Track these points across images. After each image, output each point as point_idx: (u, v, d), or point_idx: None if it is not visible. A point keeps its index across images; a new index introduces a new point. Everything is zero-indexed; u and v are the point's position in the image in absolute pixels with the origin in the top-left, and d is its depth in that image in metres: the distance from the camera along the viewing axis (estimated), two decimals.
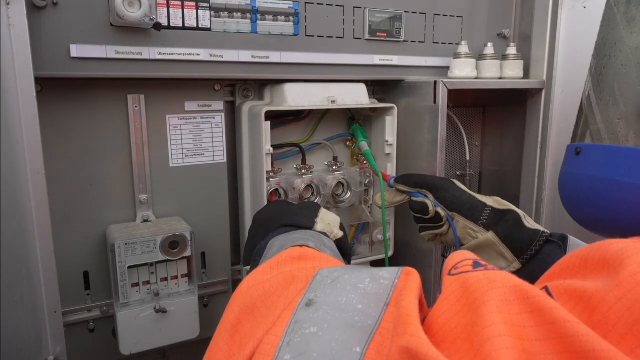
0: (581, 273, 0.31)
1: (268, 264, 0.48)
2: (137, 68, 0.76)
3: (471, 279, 0.32)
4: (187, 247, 0.81)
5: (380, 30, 0.94)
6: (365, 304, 0.36)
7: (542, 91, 1.04)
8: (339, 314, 0.35)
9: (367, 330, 0.34)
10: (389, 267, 0.40)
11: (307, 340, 0.34)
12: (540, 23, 1.04)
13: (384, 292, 0.37)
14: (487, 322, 0.28)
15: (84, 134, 0.80)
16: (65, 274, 0.80)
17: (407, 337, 0.29)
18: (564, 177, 0.55)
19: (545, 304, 0.28)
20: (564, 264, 0.33)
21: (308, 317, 0.36)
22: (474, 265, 0.35)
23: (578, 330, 0.25)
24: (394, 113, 0.96)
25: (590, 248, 0.31)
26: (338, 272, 0.41)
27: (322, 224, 0.65)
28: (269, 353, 0.34)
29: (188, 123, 0.88)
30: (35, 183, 0.63)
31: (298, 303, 0.37)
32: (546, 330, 0.27)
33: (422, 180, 0.82)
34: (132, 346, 0.79)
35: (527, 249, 0.69)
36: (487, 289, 0.30)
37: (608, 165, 0.48)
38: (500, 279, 0.31)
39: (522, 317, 0.28)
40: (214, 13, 0.79)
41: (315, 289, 0.39)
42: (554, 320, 0.27)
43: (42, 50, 0.68)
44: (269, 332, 0.35)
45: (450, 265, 0.36)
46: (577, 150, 0.53)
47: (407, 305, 0.32)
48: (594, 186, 0.49)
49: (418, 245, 1.02)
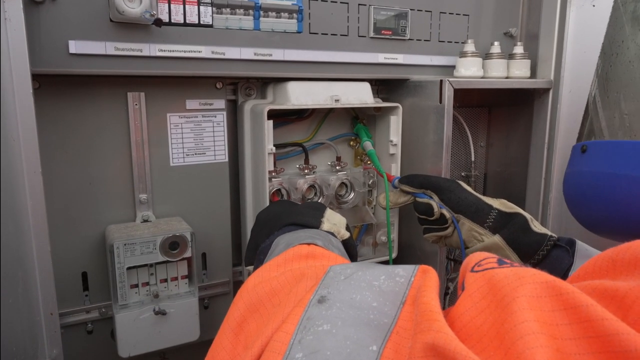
0: (610, 275, 0.30)
1: (275, 261, 0.46)
2: (137, 65, 0.74)
3: (498, 276, 0.31)
4: (188, 248, 0.80)
5: (385, 28, 0.93)
6: (381, 301, 0.35)
7: (550, 91, 1.03)
8: (353, 312, 0.34)
9: (383, 329, 0.32)
10: (405, 265, 0.39)
11: (320, 338, 0.32)
12: (548, 22, 1.02)
13: (399, 290, 0.35)
14: (518, 319, 0.26)
15: (83, 132, 0.79)
16: (63, 274, 0.79)
17: (432, 333, 0.28)
18: (570, 176, 0.54)
19: (580, 300, 0.26)
20: (590, 267, 0.31)
21: (321, 314, 0.34)
22: (499, 262, 0.33)
23: (617, 328, 0.24)
24: (398, 112, 0.95)
25: (619, 249, 0.30)
26: (351, 269, 0.39)
27: (328, 224, 0.64)
28: (279, 351, 0.32)
29: (189, 122, 0.87)
30: (32, 182, 0.62)
31: (310, 300, 0.36)
32: (581, 328, 0.25)
33: (427, 181, 0.81)
34: (130, 348, 0.78)
35: (534, 253, 0.68)
36: (516, 284, 0.29)
37: (615, 160, 0.47)
38: (530, 274, 0.29)
39: (554, 314, 0.27)
40: (215, 9, 0.78)
41: (327, 285, 0.37)
42: (589, 318, 0.25)
43: (40, 46, 0.67)
44: (279, 329, 0.34)
45: (473, 262, 0.34)
46: (583, 148, 0.52)
47: (428, 301, 0.31)
48: (601, 182, 0.48)
49: (422, 247, 1.00)
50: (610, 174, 0.47)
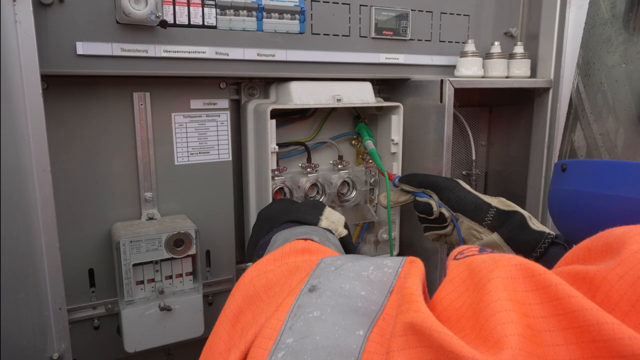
0: (585, 261, 0.31)
1: (272, 255, 0.48)
2: (143, 66, 0.75)
3: (477, 261, 0.32)
4: (192, 245, 0.81)
5: (386, 29, 0.94)
6: (369, 290, 0.36)
7: (550, 90, 1.03)
8: (342, 300, 0.35)
9: (370, 316, 0.34)
10: (394, 257, 0.40)
11: (310, 324, 0.33)
12: (548, 21, 1.03)
13: (387, 280, 0.37)
14: (492, 298, 0.28)
15: (89, 132, 0.80)
16: (70, 271, 0.80)
17: (411, 313, 0.29)
18: (553, 194, 0.55)
19: (550, 280, 0.28)
20: (569, 257, 0.33)
21: (311, 301, 0.36)
22: (480, 250, 0.35)
23: (582, 304, 0.25)
24: (399, 112, 0.96)
25: (594, 238, 0.31)
26: (341, 260, 0.41)
27: (326, 222, 0.65)
28: (271, 336, 0.33)
29: (193, 121, 0.88)
30: (41, 180, 0.63)
31: (301, 289, 0.37)
32: (551, 306, 0.27)
33: (426, 180, 0.82)
34: (136, 344, 0.80)
35: (532, 250, 0.69)
36: (492, 267, 0.30)
37: (593, 179, 0.48)
38: (506, 258, 0.31)
39: (527, 294, 0.28)
40: (219, 11, 0.79)
41: (318, 275, 0.39)
42: (558, 297, 0.27)
43: (48, 47, 0.68)
44: (271, 317, 0.35)
45: (456, 252, 0.36)
46: (563, 166, 0.53)
47: (410, 286, 0.32)
48: (581, 201, 0.49)
49: (423, 245, 1.01)
50: (588, 192, 0.49)
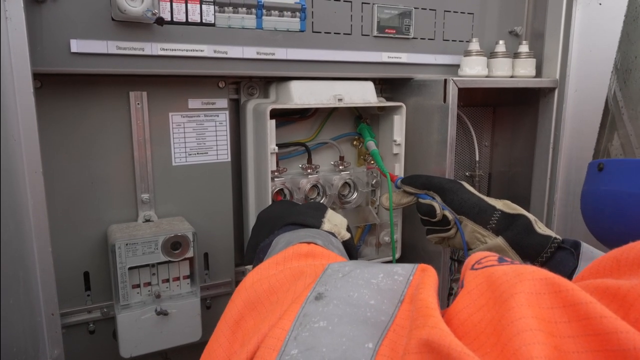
0: (614, 274, 0.29)
1: (274, 259, 0.46)
2: (139, 64, 0.74)
3: (497, 272, 0.30)
4: (190, 248, 0.80)
5: (388, 27, 0.92)
6: (378, 299, 0.34)
7: (555, 90, 1.02)
8: (350, 309, 0.34)
9: (380, 327, 0.32)
10: (404, 263, 0.39)
11: (316, 335, 0.32)
12: (554, 20, 1.01)
13: (398, 288, 0.35)
14: (515, 316, 0.26)
15: (84, 132, 0.79)
16: (65, 274, 0.79)
17: (427, 329, 0.27)
18: (587, 195, 0.53)
19: (580, 298, 0.25)
20: (594, 268, 0.31)
21: (317, 310, 0.34)
22: (499, 260, 0.33)
23: (616, 326, 0.23)
24: (402, 112, 0.94)
25: (623, 249, 0.29)
26: (350, 267, 0.39)
27: (329, 224, 0.63)
28: (274, 347, 0.32)
29: (191, 121, 0.86)
30: (33, 182, 0.62)
31: (307, 296, 0.35)
32: (580, 326, 0.25)
33: (429, 182, 0.80)
34: (132, 349, 0.78)
35: (538, 255, 0.67)
36: (515, 281, 0.28)
37: (633, 179, 0.46)
38: (530, 271, 0.29)
39: (553, 311, 0.26)
40: (218, 8, 0.77)
41: (325, 282, 0.37)
42: (588, 316, 0.24)
43: (41, 45, 0.67)
44: (275, 325, 0.34)
45: (474, 260, 0.34)
46: (600, 166, 0.51)
47: (425, 298, 0.30)
48: (619, 201, 0.47)
49: (426, 247, 1.00)
50: (629, 193, 0.46)
